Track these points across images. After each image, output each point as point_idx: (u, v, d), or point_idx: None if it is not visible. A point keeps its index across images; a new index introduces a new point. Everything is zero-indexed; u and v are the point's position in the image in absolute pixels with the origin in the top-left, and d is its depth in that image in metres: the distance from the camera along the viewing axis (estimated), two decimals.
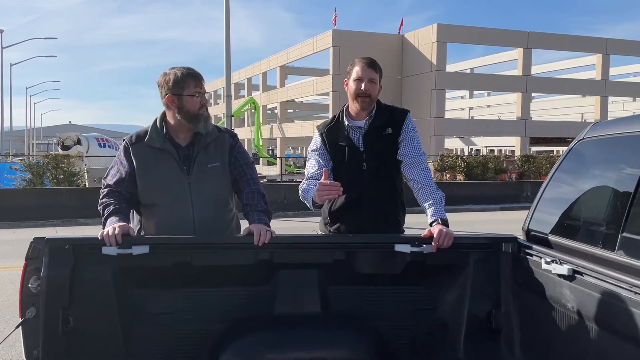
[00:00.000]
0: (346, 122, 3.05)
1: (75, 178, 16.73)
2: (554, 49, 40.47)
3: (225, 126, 3.10)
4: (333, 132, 3.08)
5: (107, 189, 2.83)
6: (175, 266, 2.59)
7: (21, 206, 13.83)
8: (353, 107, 3.05)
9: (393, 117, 3.05)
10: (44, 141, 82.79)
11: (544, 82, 40.69)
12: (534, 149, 41.58)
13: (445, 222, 2.76)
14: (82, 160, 20.56)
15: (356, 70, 2.99)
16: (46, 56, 46.80)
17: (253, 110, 40.89)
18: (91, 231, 2.57)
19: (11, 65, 43.88)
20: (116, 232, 2.51)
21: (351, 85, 3.01)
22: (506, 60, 46.15)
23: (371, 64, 3.00)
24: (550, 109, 53.44)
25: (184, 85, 2.76)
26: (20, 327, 2.46)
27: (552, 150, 41.78)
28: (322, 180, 2.77)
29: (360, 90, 2.96)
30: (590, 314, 2.16)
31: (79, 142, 25.99)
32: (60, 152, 22.27)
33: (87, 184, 17.39)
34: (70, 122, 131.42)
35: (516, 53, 39.75)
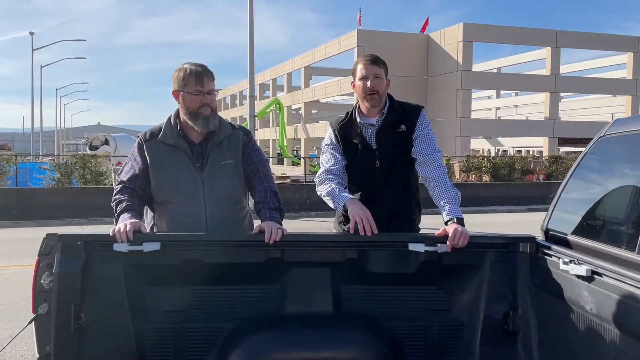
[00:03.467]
0: (358, 120, 3.01)
1: (102, 177, 17.00)
2: (583, 48, 39.70)
3: (248, 126, 3.05)
4: (346, 130, 3.04)
5: (121, 185, 2.83)
6: (185, 263, 2.57)
7: (49, 205, 14.12)
8: (363, 106, 3.01)
9: (406, 114, 2.99)
10: (73, 141, 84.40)
11: (573, 82, 39.98)
12: (563, 149, 40.87)
13: (460, 221, 2.69)
14: (110, 160, 20.89)
15: (359, 69, 2.95)
16: (75, 58, 47.50)
17: (278, 111, 41.03)
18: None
19: (41, 67, 44.73)
20: (127, 228, 2.51)
21: (357, 84, 2.97)
22: (534, 59, 45.44)
23: (374, 61, 2.95)
24: (579, 109, 52.45)
25: (185, 83, 2.76)
26: (33, 323, 2.48)
27: (581, 151, 40.94)
28: (366, 214, 2.72)
29: (367, 88, 2.92)
30: (610, 316, 2.08)
31: (106, 142, 26.41)
32: (89, 152, 22.66)
33: (113, 183, 17.63)
34: (99, 122, 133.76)
35: (544, 52, 39.12)
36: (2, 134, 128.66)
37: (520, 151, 43.84)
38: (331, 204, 2.93)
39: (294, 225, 2.64)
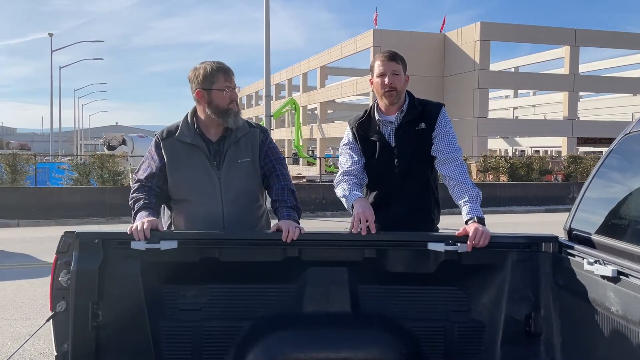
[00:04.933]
0: (377, 117, 2.98)
1: (119, 177, 17.14)
2: (603, 47, 39.21)
3: (264, 126, 3.03)
4: (364, 127, 3.01)
5: (138, 183, 2.83)
6: (203, 262, 2.57)
7: (68, 204, 14.28)
8: (382, 103, 2.97)
9: (426, 111, 2.94)
10: (91, 142, 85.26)
11: (592, 81, 39.50)
12: (582, 149, 40.43)
13: (481, 220, 2.64)
14: (127, 160, 21.08)
15: (377, 66, 2.92)
16: (94, 59, 48.06)
17: (293, 111, 41.08)
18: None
19: (60, 68, 45.25)
20: (145, 226, 2.51)
21: (375, 81, 2.93)
22: (552, 58, 45.00)
23: (391, 57, 2.91)
24: (598, 108, 51.84)
25: (213, 80, 2.73)
26: (51, 320, 2.48)
27: (601, 151, 40.47)
28: (366, 213, 2.67)
29: (386, 85, 2.88)
30: (636, 317, 2.03)
31: (124, 142, 26.69)
32: (106, 152, 22.89)
33: (130, 183, 17.77)
34: (116, 123, 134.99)
35: (563, 51, 38.70)
36: (22, 134, 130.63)
37: (538, 151, 43.42)
38: (346, 206, 2.91)
39: (310, 225, 2.64)
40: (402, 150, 2.93)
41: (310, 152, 52.17)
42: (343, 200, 2.92)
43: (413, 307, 2.69)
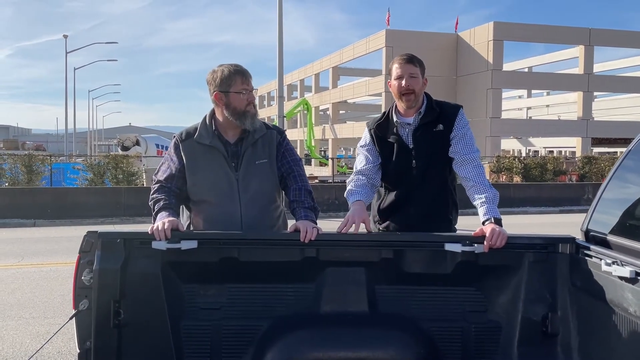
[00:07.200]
0: (395, 119, 3.00)
1: (133, 178, 17.27)
2: (618, 46, 38.88)
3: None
4: (382, 129, 3.03)
5: (158, 184, 2.88)
6: (222, 262, 2.60)
7: (83, 204, 14.42)
8: (400, 105, 2.99)
9: (444, 112, 2.96)
10: (105, 142, 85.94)
11: (607, 81, 39.16)
12: (596, 150, 40.05)
13: (498, 221, 2.65)
14: (141, 161, 21.20)
15: (395, 68, 2.94)
16: (107, 60, 48.58)
17: (305, 112, 41.14)
18: (146, 228, 2.62)
19: (75, 69, 45.67)
20: (165, 226, 2.55)
21: (394, 84, 2.96)
22: (567, 58, 44.67)
23: (409, 60, 2.93)
24: (613, 108, 51.37)
25: (231, 83, 2.77)
26: (74, 318, 2.53)
27: (616, 152, 40.09)
28: (355, 217, 2.72)
29: (403, 88, 2.90)
30: None
31: (137, 143, 26.81)
32: (120, 152, 23.04)
33: (144, 183, 17.90)
34: (130, 124, 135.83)
35: (577, 50, 38.42)
36: (37, 135, 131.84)
37: (552, 151, 43.10)
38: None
39: (323, 226, 2.64)
40: (420, 151, 2.95)
41: (322, 152, 52.19)
42: (347, 199, 2.95)
43: (430, 308, 2.71)
